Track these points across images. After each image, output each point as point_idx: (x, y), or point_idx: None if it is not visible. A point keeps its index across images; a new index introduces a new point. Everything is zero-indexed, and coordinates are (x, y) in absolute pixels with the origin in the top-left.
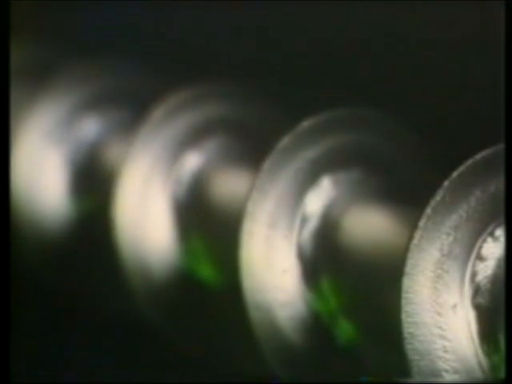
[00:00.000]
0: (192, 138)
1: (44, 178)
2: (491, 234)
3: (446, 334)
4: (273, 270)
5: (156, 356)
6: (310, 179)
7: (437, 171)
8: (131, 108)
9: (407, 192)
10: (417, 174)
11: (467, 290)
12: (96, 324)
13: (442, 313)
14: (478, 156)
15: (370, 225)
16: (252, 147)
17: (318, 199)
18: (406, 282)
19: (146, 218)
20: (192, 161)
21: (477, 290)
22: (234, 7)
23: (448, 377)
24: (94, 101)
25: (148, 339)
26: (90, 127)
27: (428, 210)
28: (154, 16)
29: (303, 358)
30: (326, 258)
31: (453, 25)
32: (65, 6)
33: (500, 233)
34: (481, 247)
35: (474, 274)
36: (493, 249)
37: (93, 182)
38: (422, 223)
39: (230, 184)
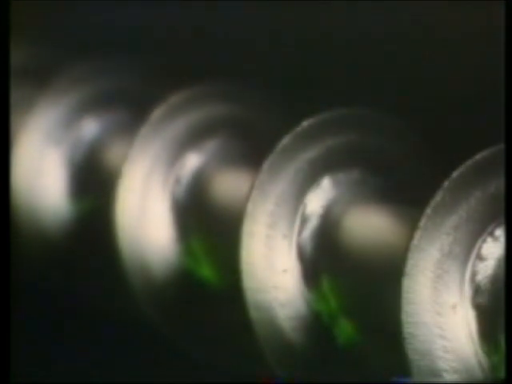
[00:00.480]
0: (192, 138)
1: (44, 179)
2: (491, 234)
3: (445, 334)
4: (273, 269)
5: (156, 356)
6: (310, 179)
7: (437, 171)
8: (131, 108)
9: (407, 192)
10: (417, 173)
11: (467, 290)
12: (96, 324)
13: (442, 313)
14: (478, 156)
15: (369, 225)
16: (252, 147)
17: (318, 199)
18: (406, 282)
19: (146, 218)
20: (192, 161)
21: (477, 290)
22: (234, 7)
23: (448, 377)
24: (93, 101)
25: (148, 339)
26: (89, 127)
27: (428, 210)
28: (154, 16)
29: (303, 357)
30: (326, 258)
31: (453, 25)
32: (65, 6)
33: (500, 233)
34: (481, 247)
35: (473, 274)
36: (493, 249)
37: (93, 183)
38: (422, 223)
39: (229, 184)
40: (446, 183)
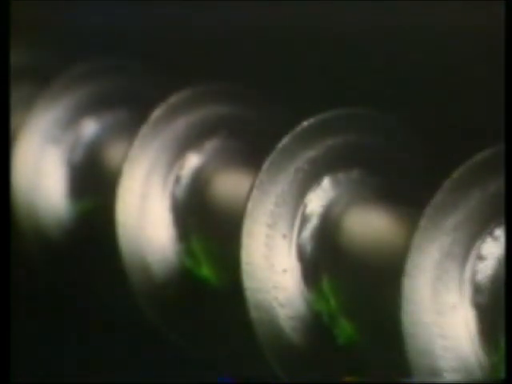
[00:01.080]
0: (192, 138)
1: (44, 179)
2: (491, 234)
3: (445, 334)
4: (273, 269)
5: (156, 356)
6: (310, 179)
7: (437, 171)
8: (131, 108)
9: (407, 192)
10: (417, 173)
11: (467, 290)
12: (96, 324)
13: (441, 313)
14: (478, 156)
15: (370, 225)
16: (252, 147)
17: (318, 199)
18: (406, 282)
19: (146, 217)
20: (192, 161)
21: (476, 290)
22: (235, 7)
23: (448, 376)
24: (93, 101)
25: (148, 339)
26: (89, 127)
27: (428, 210)
28: (154, 16)
29: (303, 357)
30: (326, 258)
31: (453, 24)
32: (65, 6)
33: (499, 233)
34: (480, 247)
35: (473, 274)
36: (492, 249)
37: (93, 183)
38: (421, 223)
39: (229, 184)
40: (446, 183)
